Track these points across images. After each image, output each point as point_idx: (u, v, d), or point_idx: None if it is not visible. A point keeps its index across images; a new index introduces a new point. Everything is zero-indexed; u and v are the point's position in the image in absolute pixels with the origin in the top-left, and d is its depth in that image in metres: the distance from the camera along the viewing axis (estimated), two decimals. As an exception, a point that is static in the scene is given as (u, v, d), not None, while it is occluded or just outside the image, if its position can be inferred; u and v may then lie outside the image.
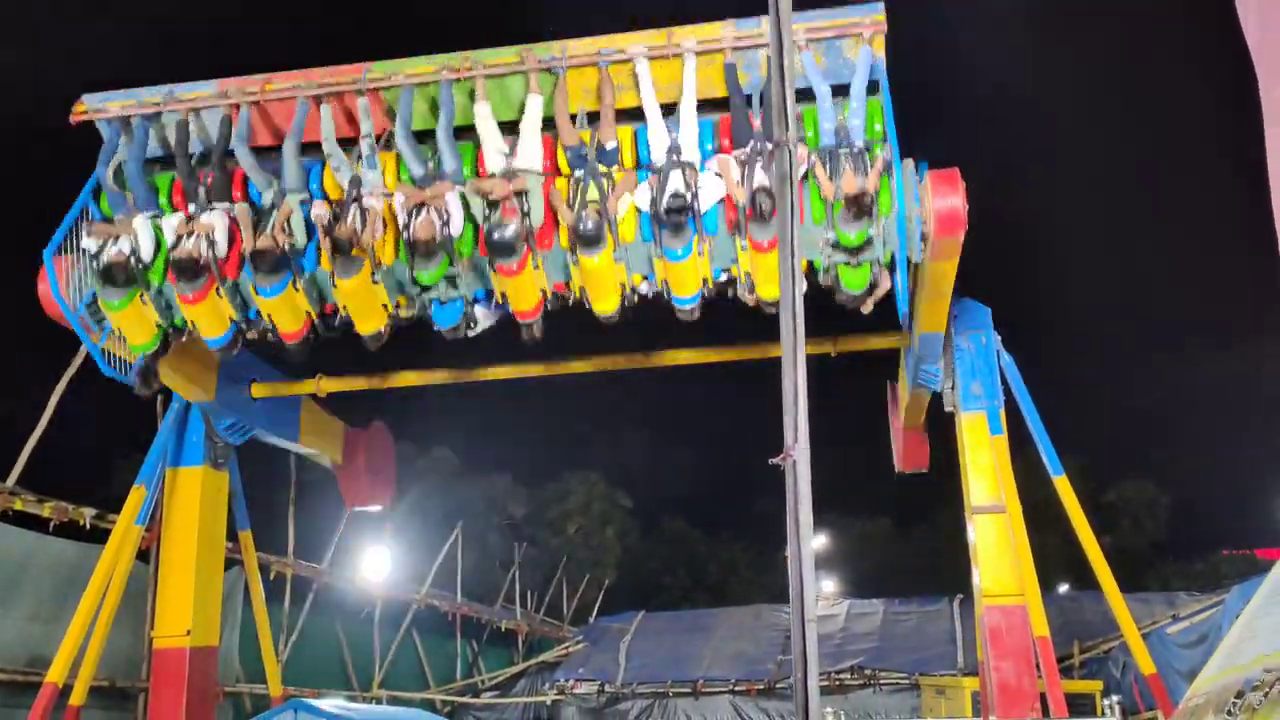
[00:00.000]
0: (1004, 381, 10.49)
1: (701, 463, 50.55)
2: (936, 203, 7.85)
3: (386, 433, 14.19)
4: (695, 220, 7.78)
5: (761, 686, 17.71)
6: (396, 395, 12.77)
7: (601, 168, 8.03)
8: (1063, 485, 10.37)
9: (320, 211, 8.08)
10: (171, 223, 8.23)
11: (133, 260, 8.06)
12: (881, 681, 17.30)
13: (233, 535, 12.16)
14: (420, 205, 7.81)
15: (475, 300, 8.38)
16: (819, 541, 36.22)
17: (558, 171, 8.23)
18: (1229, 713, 6.38)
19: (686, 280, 8.08)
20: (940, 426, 11.45)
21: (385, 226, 8.03)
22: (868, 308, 8.34)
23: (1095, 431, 38.09)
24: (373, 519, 21.08)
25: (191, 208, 8.33)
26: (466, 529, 23.37)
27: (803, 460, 4.31)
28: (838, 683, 17.16)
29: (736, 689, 17.77)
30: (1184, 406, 40.86)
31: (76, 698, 10.02)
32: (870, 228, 7.69)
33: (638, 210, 7.99)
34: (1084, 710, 11.85)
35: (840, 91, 7.99)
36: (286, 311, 8.22)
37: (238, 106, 8.40)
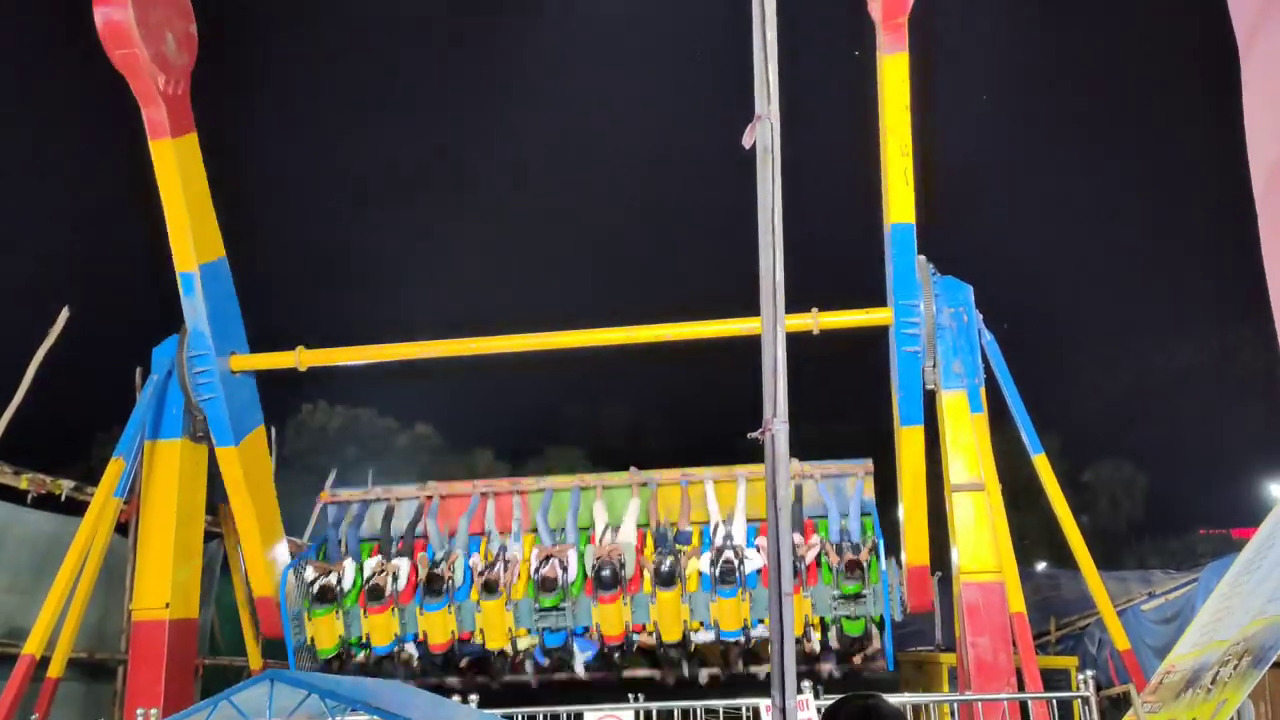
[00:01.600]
0: (985, 360, 10.54)
1: (680, 438, 50.63)
2: (911, 588, 10.97)
3: None
4: (740, 577, 10.52)
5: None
6: (378, 372, 12.70)
7: (678, 546, 11.21)
8: (1042, 464, 10.44)
9: (476, 560, 11.25)
10: (370, 564, 11.30)
11: (337, 587, 11.05)
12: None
13: (212, 509, 12.13)
14: (548, 557, 10.95)
15: (575, 634, 10.92)
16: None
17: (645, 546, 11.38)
18: (1204, 687, 6.47)
19: (732, 618, 10.59)
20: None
21: (520, 574, 11.07)
22: (859, 660, 11.15)
23: (1074, 411, 38.35)
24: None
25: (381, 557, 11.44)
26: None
27: (781, 435, 4.31)
28: (816, 658, 17.25)
29: (716, 664, 17.86)
30: (1162, 388, 41.14)
31: (54, 669, 10.00)
32: (863, 588, 10.46)
33: (699, 573, 10.84)
34: (1059, 685, 11.99)
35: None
36: (439, 628, 10.85)
37: (430, 498, 12.06)
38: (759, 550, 10.72)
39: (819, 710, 8.13)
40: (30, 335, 12.16)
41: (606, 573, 10.59)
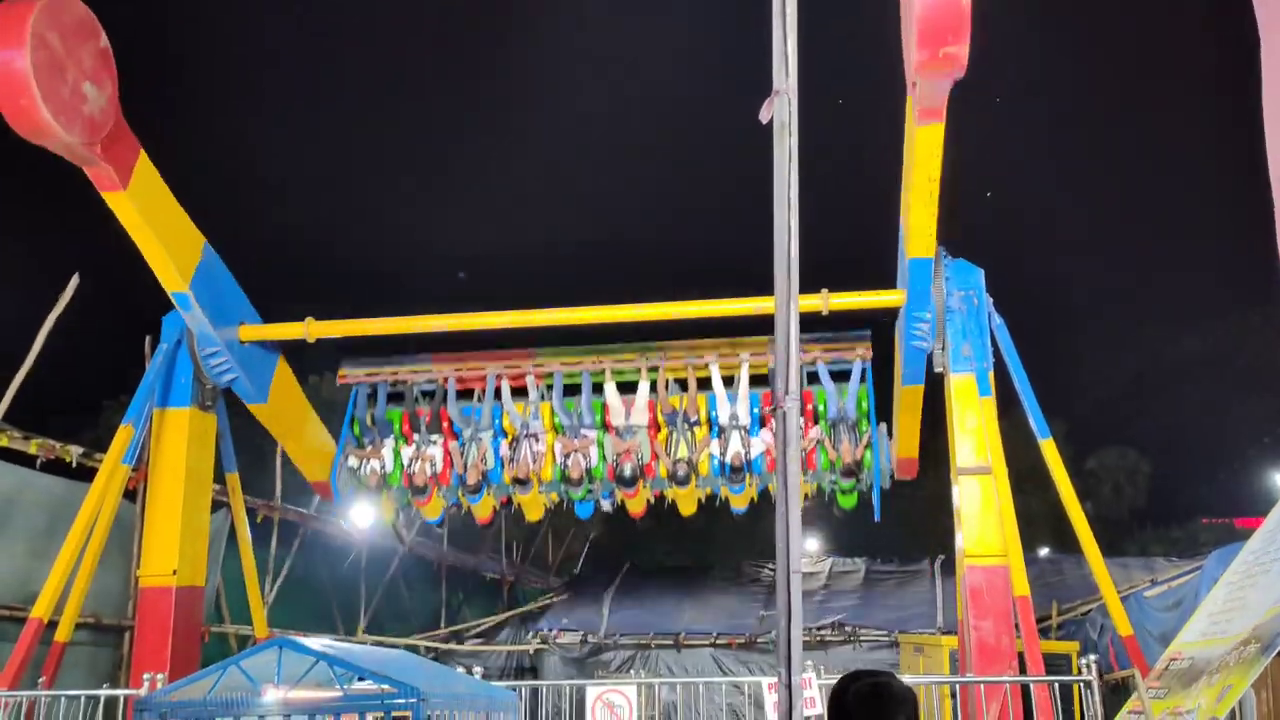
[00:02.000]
0: (994, 344, 10.51)
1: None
2: (899, 460, 12.40)
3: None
4: (746, 467, 11.84)
5: (743, 640, 17.90)
6: (387, 343, 12.71)
7: (687, 430, 12.11)
8: (1049, 449, 10.42)
9: (505, 451, 12.22)
10: (407, 452, 12.42)
11: (381, 471, 12.42)
12: (862, 638, 17.51)
13: (220, 478, 12.18)
14: (570, 453, 11.92)
15: (602, 499, 12.47)
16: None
17: (658, 426, 12.25)
18: (1210, 674, 6.49)
19: (741, 500, 12.36)
20: (931, 390, 11.48)
21: (546, 460, 12.16)
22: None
23: (1080, 398, 38.31)
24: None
25: (416, 438, 12.51)
26: (454, 478, 23.38)
27: (793, 412, 4.31)
28: (819, 638, 17.36)
29: (718, 642, 17.96)
30: (1168, 376, 41.01)
31: (62, 633, 10.08)
32: (858, 483, 12.04)
33: (710, 457, 12.01)
34: (1061, 670, 12.02)
35: (840, 377, 12.17)
36: (481, 506, 12.54)
37: (447, 378, 12.60)
38: (763, 426, 11.91)
39: (820, 690, 8.16)
40: (43, 300, 12.19)
41: (627, 473, 11.83)
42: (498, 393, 12.54)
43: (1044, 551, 25.07)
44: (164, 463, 11.10)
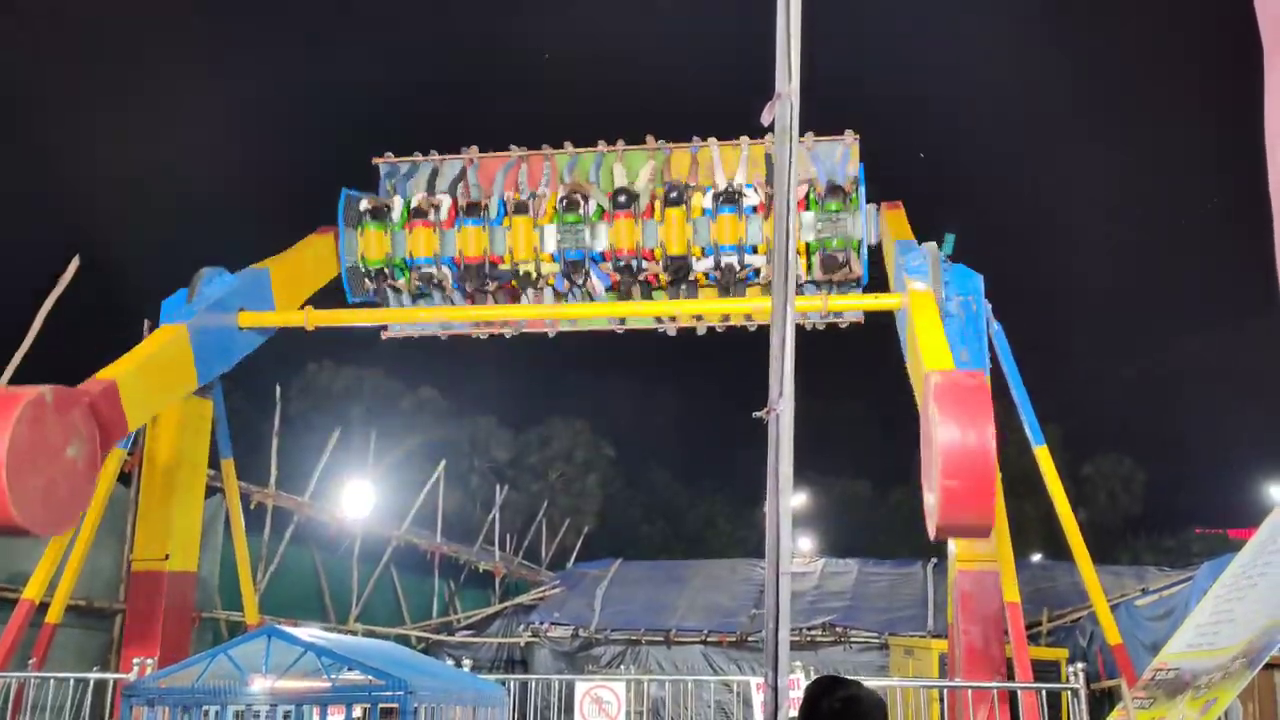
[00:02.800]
0: (992, 349, 10.52)
1: (686, 414, 50.76)
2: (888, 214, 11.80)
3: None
4: (739, 206, 11.69)
5: (733, 638, 17.94)
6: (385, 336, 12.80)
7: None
8: (1043, 455, 10.43)
9: (509, 195, 12.37)
10: (417, 196, 12.49)
11: (387, 211, 12.40)
12: (852, 640, 17.55)
13: (215, 463, 12.18)
14: (573, 191, 12.11)
15: (592, 259, 12.02)
16: (798, 499, 36.50)
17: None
18: (1197, 688, 6.49)
19: (729, 233, 11.65)
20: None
21: (547, 208, 12.15)
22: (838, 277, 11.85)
23: (1075, 403, 38.34)
24: (357, 454, 21.19)
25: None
26: (449, 469, 23.46)
27: (786, 415, 4.30)
28: (809, 639, 17.40)
29: (709, 640, 18.01)
30: (1164, 384, 41.13)
31: (53, 615, 10.09)
32: (844, 209, 11.54)
33: (704, 209, 11.84)
34: (1048, 677, 12.04)
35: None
36: (474, 242, 12.10)
37: (471, 160, 12.84)
38: (756, 191, 11.90)
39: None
40: (41, 280, 12.18)
41: (623, 197, 11.94)
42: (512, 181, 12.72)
43: (1036, 557, 25.11)
44: (159, 447, 11.10)
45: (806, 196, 11.76)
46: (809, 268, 11.87)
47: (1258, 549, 7.60)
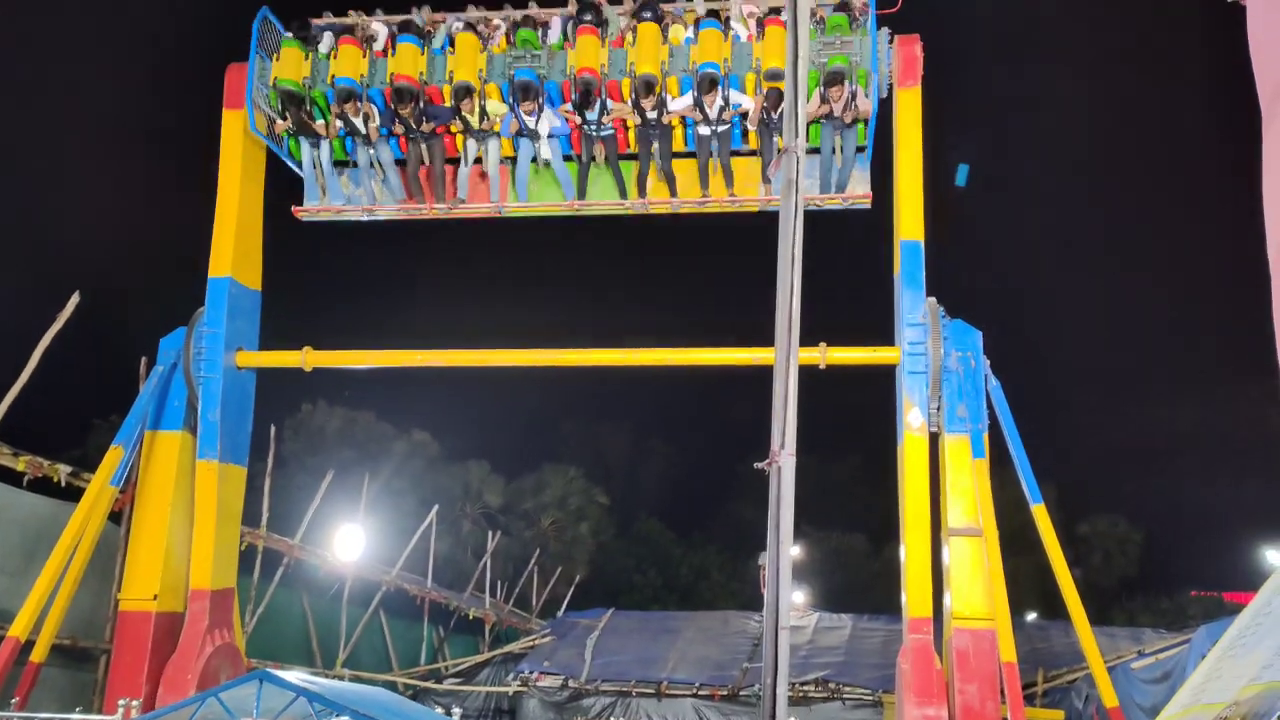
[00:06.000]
0: (990, 406, 10.52)
1: (680, 464, 50.60)
2: (901, 50, 10.67)
3: None
4: (723, 25, 10.43)
5: (725, 692, 17.71)
6: (381, 378, 12.74)
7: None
8: (1040, 514, 10.40)
9: (457, 25, 10.75)
10: (348, 20, 10.94)
11: (314, 40, 10.81)
12: (845, 696, 17.32)
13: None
14: (529, 17, 10.65)
15: (549, 98, 10.50)
16: (793, 551, 36.12)
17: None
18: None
19: (712, 49, 10.33)
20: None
21: (502, 39, 10.70)
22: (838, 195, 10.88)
23: (1072, 463, 38.31)
24: (349, 497, 21.05)
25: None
26: (441, 514, 23.31)
27: (788, 467, 4.31)
28: (802, 694, 17.17)
29: (700, 693, 17.77)
30: (1161, 446, 41.11)
31: (38, 654, 9.96)
32: (850, 30, 10.31)
33: (684, 39, 10.51)
34: (1044, 738, 11.90)
35: None
36: (408, 62, 10.54)
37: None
38: (745, 22, 10.66)
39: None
40: (41, 319, 12.16)
41: (588, 15, 10.42)
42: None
43: (1031, 616, 24.92)
44: (152, 486, 11.04)
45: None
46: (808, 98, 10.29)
47: (1256, 612, 7.56)
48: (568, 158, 11.02)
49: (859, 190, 11.08)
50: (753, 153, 11.33)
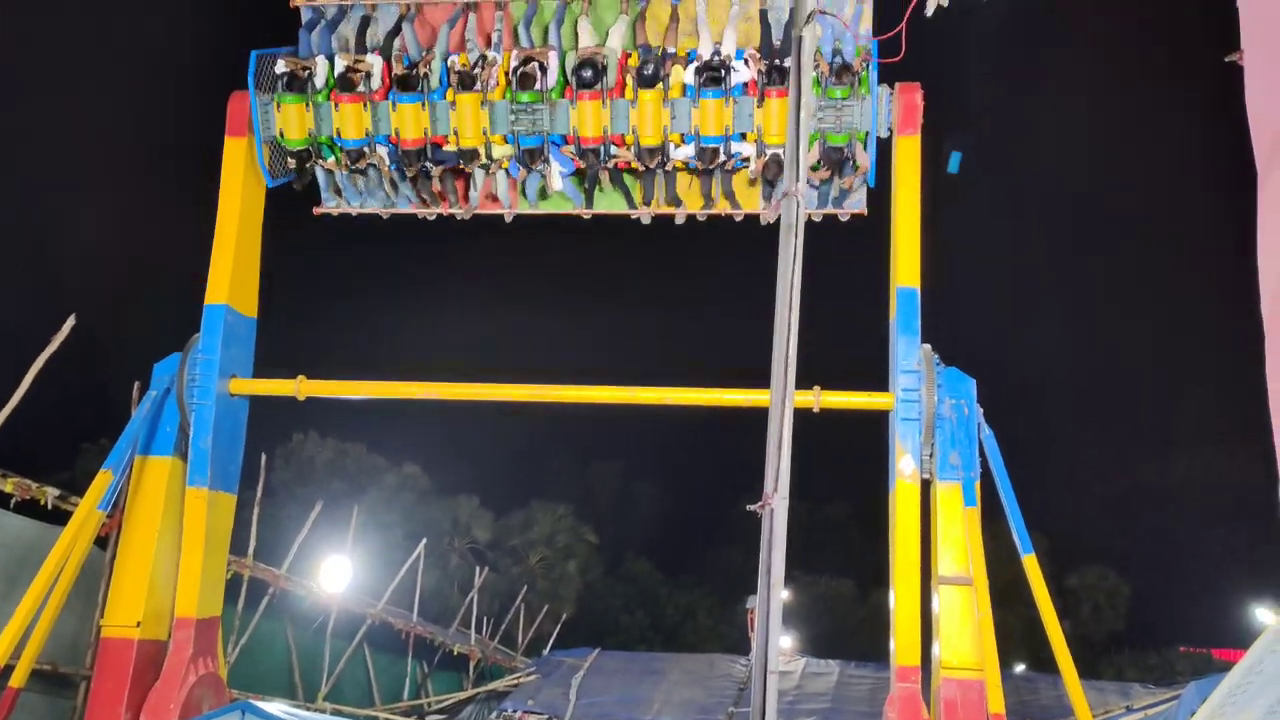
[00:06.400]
0: (982, 454, 10.52)
1: (670, 505, 50.45)
2: (901, 99, 10.60)
3: None
4: (726, 84, 10.34)
5: (710, 737, 17.53)
6: (373, 410, 12.69)
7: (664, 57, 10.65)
8: (1030, 564, 10.35)
9: (454, 62, 10.70)
10: (342, 62, 10.80)
11: (308, 78, 10.69)
12: (831, 744, 17.17)
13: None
14: (528, 59, 10.49)
15: (552, 141, 10.66)
16: (783, 595, 35.89)
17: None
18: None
19: (714, 121, 10.42)
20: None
21: (499, 78, 10.58)
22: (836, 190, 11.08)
23: (1063, 514, 38.23)
24: (337, 529, 20.93)
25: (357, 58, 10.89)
26: (429, 548, 23.17)
27: (780, 510, 4.30)
28: (786, 741, 17.02)
29: (684, 737, 17.59)
30: (1151, 501, 41.09)
31: (16, 679, 9.83)
32: (850, 94, 10.21)
33: (684, 85, 10.48)
34: (1031, 792, 11.78)
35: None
36: (411, 122, 10.63)
37: (409, 6, 11.06)
38: (747, 64, 10.49)
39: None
40: (34, 342, 12.14)
41: (588, 72, 10.33)
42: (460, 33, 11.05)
43: (1019, 668, 24.76)
44: (140, 511, 10.96)
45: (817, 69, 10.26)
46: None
47: (1246, 670, 7.53)
48: (572, 174, 11.44)
49: (855, 208, 11.50)
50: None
